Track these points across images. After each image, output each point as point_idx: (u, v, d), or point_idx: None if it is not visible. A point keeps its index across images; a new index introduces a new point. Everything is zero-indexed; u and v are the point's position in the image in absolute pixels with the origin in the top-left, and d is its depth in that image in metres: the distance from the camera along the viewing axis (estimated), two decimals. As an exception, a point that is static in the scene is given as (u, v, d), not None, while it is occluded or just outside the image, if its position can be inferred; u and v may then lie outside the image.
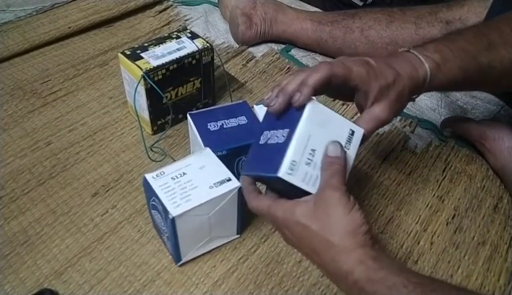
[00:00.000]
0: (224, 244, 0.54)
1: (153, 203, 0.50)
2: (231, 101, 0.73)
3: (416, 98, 0.51)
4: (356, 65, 0.47)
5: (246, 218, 0.54)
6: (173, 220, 0.46)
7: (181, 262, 0.52)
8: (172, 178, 0.49)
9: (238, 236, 0.55)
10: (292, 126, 0.43)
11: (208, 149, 0.53)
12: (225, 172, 0.50)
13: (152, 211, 0.53)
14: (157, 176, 0.50)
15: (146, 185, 0.50)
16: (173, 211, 0.46)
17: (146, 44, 0.65)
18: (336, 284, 0.44)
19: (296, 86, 0.44)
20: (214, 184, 0.49)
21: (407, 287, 0.38)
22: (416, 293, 0.38)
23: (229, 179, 0.50)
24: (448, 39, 0.52)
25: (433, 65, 0.49)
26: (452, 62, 0.49)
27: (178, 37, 0.67)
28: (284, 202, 0.45)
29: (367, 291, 0.40)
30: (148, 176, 0.50)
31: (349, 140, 0.45)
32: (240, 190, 0.49)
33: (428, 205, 0.61)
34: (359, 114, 0.49)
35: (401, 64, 0.48)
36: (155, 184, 0.49)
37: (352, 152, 0.45)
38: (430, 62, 0.49)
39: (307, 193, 0.43)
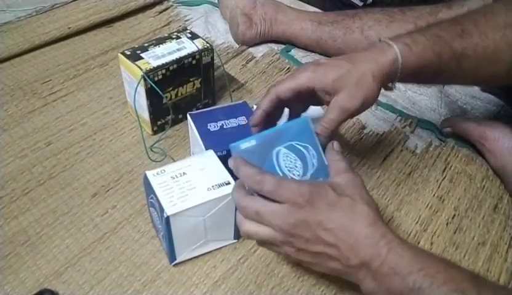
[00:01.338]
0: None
1: (151, 200, 0.51)
2: (231, 101, 0.73)
3: (393, 85, 0.51)
4: (301, 71, 0.49)
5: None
6: (167, 219, 0.46)
7: (175, 262, 0.52)
8: (171, 177, 0.49)
9: (235, 241, 0.55)
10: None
11: (211, 151, 0.53)
12: (225, 175, 0.50)
13: (151, 209, 0.53)
14: (157, 173, 0.50)
15: (146, 182, 0.50)
16: (169, 210, 0.46)
17: (146, 44, 0.65)
18: (349, 263, 0.42)
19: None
20: (212, 186, 0.49)
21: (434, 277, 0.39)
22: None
23: (228, 183, 0.49)
24: (422, 28, 0.52)
25: (403, 46, 0.49)
26: (423, 45, 0.49)
27: (178, 38, 0.67)
28: (302, 181, 0.45)
29: (389, 275, 0.40)
30: (149, 173, 0.50)
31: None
32: None
33: (427, 205, 0.61)
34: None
35: (362, 53, 0.50)
36: (154, 182, 0.49)
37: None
38: (399, 44, 0.49)
39: None
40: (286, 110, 0.54)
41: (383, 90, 0.51)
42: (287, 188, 0.42)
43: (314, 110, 0.55)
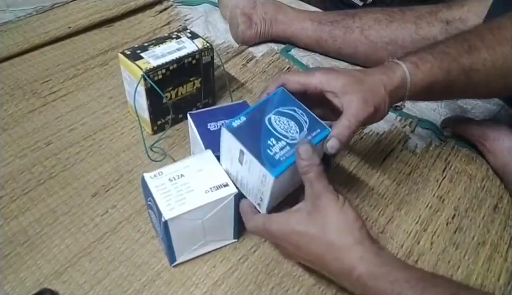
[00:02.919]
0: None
1: (149, 203, 0.50)
2: (231, 101, 0.73)
3: (402, 104, 0.51)
4: (313, 71, 0.50)
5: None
6: (165, 223, 0.46)
7: (175, 263, 0.52)
8: (169, 179, 0.49)
9: (235, 240, 0.55)
10: None
11: (209, 151, 0.53)
12: (223, 177, 0.50)
13: (149, 211, 0.53)
14: (155, 175, 0.49)
15: (144, 184, 0.50)
16: (167, 214, 0.46)
17: (146, 44, 0.65)
18: (341, 283, 0.45)
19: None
20: (210, 188, 0.49)
21: (409, 282, 0.39)
22: (418, 288, 0.39)
23: (227, 184, 0.49)
24: (427, 46, 0.53)
25: (410, 65, 0.49)
26: (431, 62, 0.50)
27: (178, 37, 0.67)
28: (276, 216, 0.47)
29: (370, 286, 0.40)
30: (146, 176, 0.50)
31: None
32: (237, 196, 0.49)
33: (427, 205, 0.61)
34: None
35: (373, 69, 0.50)
36: (152, 184, 0.49)
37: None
38: (407, 63, 0.50)
39: None
40: None
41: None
42: (264, 233, 0.48)
43: None
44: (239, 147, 0.47)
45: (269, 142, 0.47)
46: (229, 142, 0.48)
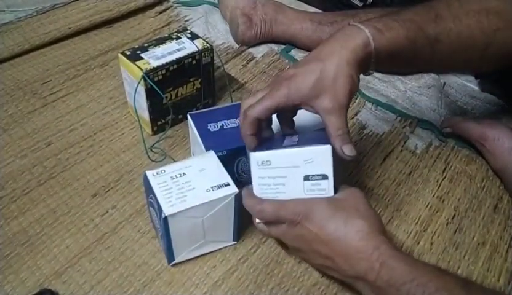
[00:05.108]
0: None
1: (150, 200, 0.51)
2: (231, 102, 0.73)
3: (370, 71, 0.49)
4: (275, 89, 0.47)
5: (245, 220, 0.53)
6: (165, 219, 0.46)
7: (173, 262, 0.52)
8: (171, 177, 0.49)
9: (234, 243, 0.55)
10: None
11: (211, 152, 0.53)
12: (225, 177, 0.50)
13: (150, 209, 0.53)
14: (157, 173, 0.50)
15: (146, 181, 0.50)
16: (167, 210, 0.46)
17: (146, 45, 0.65)
18: (350, 270, 0.44)
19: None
20: (212, 187, 0.49)
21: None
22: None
23: (228, 184, 0.49)
24: (394, 12, 0.50)
25: (374, 31, 0.46)
26: (396, 29, 0.47)
27: (178, 38, 0.67)
28: (299, 200, 0.47)
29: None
30: (149, 173, 0.50)
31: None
32: (237, 196, 0.49)
33: (427, 205, 0.61)
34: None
35: (330, 43, 0.47)
36: (154, 182, 0.49)
37: None
38: (370, 28, 0.46)
39: None
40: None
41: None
42: (284, 210, 0.46)
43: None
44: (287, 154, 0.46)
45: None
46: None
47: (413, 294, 0.40)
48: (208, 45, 0.66)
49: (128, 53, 0.64)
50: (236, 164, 0.57)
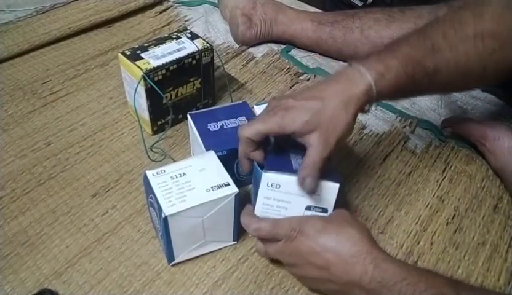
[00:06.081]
0: (224, 244, 0.54)
1: (150, 200, 0.51)
2: (231, 102, 0.73)
3: (368, 109, 0.50)
4: (270, 115, 0.47)
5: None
6: (165, 219, 0.46)
7: (173, 262, 0.52)
8: (171, 177, 0.49)
9: (235, 242, 0.55)
10: None
11: (212, 152, 0.53)
12: (225, 177, 0.50)
13: (150, 208, 0.53)
14: (157, 173, 0.50)
15: (146, 181, 0.50)
16: (167, 210, 0.46)
17: (146, 44, 0.65)
18: (345, 276, 0.45)
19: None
20: (212, 187, 0.49)
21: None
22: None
23: (228, 184, 0.49)
24: (392, 46, 0.51)
25: (376, 75, 0.47)
26: (396, 69, 0.48)
27: (178, 38, 0.67)
28: (312, 218, 0.49)
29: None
30: (149, 173, 0.50)
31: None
32: (237, 196, 0.49)
33: (427, 205, 0.61)
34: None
35: (333, 85, 0.48)
36: (154, 181, 0.49)
37: None
38: (372, 72, 0.47)
39: None
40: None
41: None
42: (280, 228, 0.48)
43: None
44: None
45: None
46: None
47: (404, 293, 0.42)
48: (208, 45, 0.66)
49: (128, 53, 0.64)
50: (235, 164, 0.57)
